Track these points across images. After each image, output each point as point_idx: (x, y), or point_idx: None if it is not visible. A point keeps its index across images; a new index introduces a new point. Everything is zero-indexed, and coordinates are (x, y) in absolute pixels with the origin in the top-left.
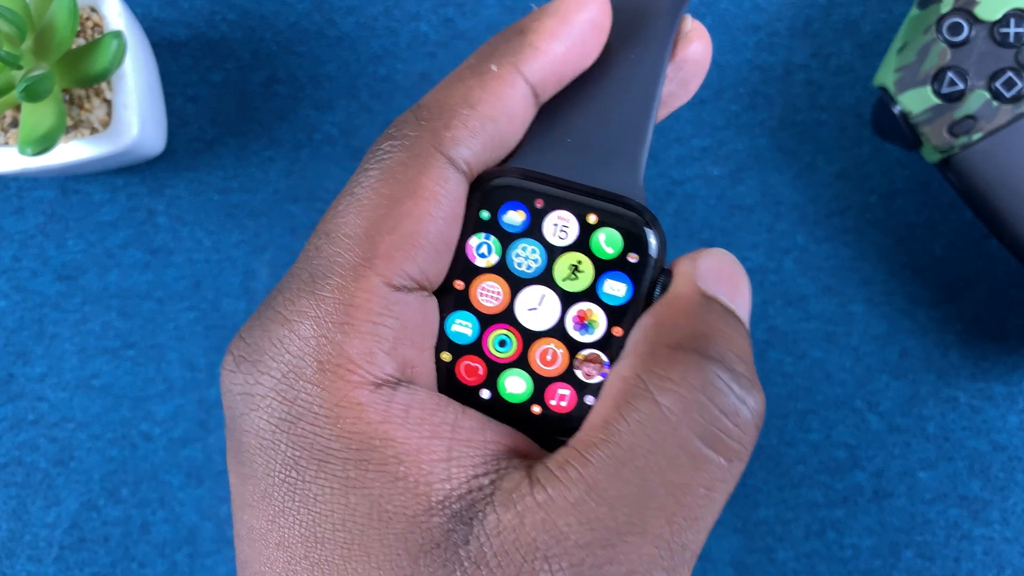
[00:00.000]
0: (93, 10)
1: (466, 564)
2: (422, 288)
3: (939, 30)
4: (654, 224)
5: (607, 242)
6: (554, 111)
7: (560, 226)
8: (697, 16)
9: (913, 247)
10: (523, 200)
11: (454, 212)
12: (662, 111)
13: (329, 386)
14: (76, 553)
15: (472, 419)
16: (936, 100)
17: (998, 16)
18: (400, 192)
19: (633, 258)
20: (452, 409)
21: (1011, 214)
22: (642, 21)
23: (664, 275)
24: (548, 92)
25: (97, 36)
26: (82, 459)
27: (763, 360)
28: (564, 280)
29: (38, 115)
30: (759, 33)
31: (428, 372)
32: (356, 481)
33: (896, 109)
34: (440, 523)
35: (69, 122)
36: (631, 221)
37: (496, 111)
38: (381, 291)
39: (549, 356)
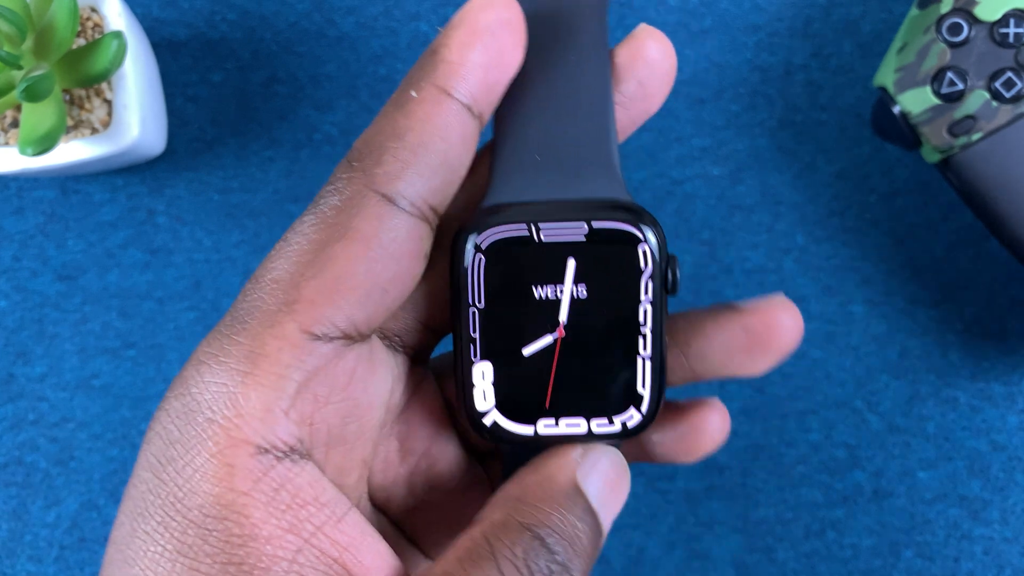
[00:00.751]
0: (93, 10)
1: None
2: (347, 336)
3: (939, 30)
4: (650, 221)
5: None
6: (512, 132)
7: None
8: (697, 16)
9: (913, 247)
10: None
11: (397, 252)
12: (627, 119)
13: (209, 438)
14: (76, 553)
15: (343, 532)
16: (936, 100)
17: (998, 16)
18: (330, 236)
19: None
20: (328, 511)
21: (1011, 214)
22: (569, 21)
23: (671, 263)
24: (484, 104)
25: (97, 36)
26: (82, 459)
27: None
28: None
29: (38, 115)
30: (759, 33)
31: (329, 435)
32: (189, 550)
33: (896, 109)
34: None
35: (69, 122)
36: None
37: (426, 136)
38: (296, 340)
39: None
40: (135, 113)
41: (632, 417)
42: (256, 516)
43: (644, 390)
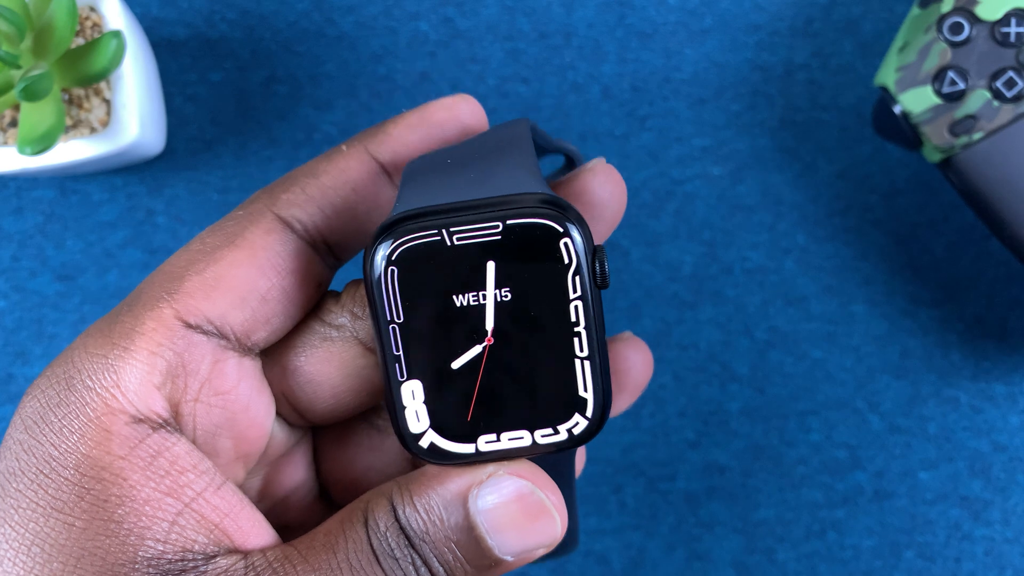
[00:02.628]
0: (92, 9)
1: None
2: (222, 335)
3: (940, 30)
4: (572, 212)
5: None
6: (422, 159)
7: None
8: (697, 16)
9: (914, 247)
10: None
11: (280, 266)
12: None
13: (87, 404)
14: None
15: (223, 499)
16: (937, 100)
17: (999, 16)
18: (221, 242)
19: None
20: (207, 478)
21: (1012, 214)
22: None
23: (598, 254)
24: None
25: (96, 35)
26: None
27: (763, 360)
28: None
29: (37, 115)
30: (760, 33)
31: (196, 423)
32: (66, 507)
33: (897, 109)
34: None
35: (68, 122)
36: (547, 225)
37: (338, 181)
38: (171, 324)
39: None
40: (134, 113)
41: (578, 424)
42: (133, 479)
43: (587, 393)
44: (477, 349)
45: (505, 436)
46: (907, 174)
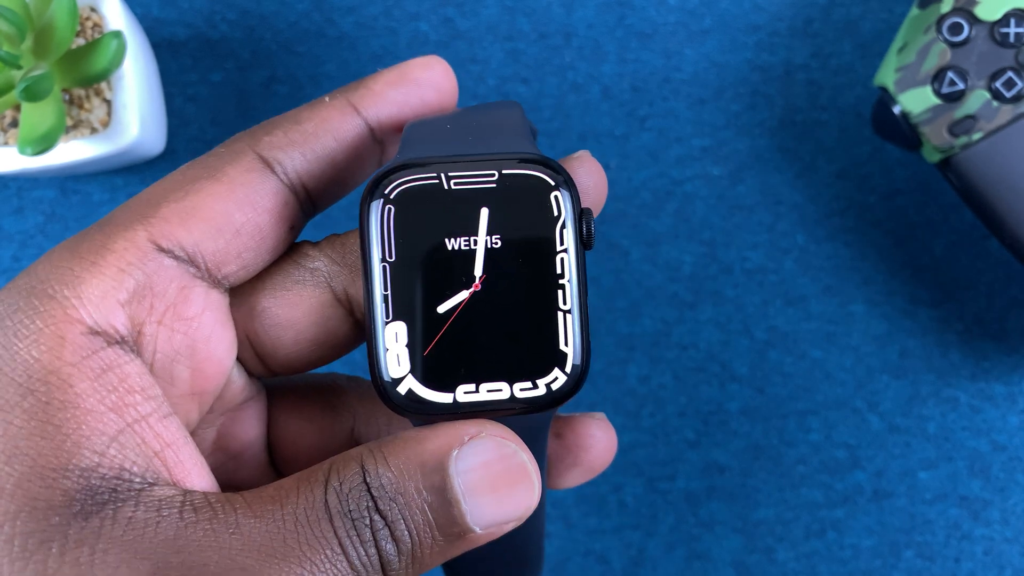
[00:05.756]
0: (93, 10)
1: (69, 538)
2: (192, 263)
3: (939, 30)
4: (563, 171)
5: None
6: (420, 122)
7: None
8: (697, 16)
9: (913, 247)
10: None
11: (257, 203)
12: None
13: (46, 310)
14: None
15: (167, 428)
16: (936, 100)
17: (998, 16)
18: (200, 174)
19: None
20: (154, 404)
21: (1011, 214)
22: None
23: (585, 214)
24: (388, 136)
25: (97, 36)
26: None
27: (763, 360)
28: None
29: (38, 115)
30: (759, 33)
31: (156, 346)
32: (6, 404)
33: (896, 109)
34: (68, 487)
35: (69, 122)
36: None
37: (320, 130)
38: (143, 245)
39: None
40: (135, 113)
41: (556, 379)
42: (80, 387)
43: (568, 348)
44: (464, 294)
45: (484, 387)
46: (906, 174)
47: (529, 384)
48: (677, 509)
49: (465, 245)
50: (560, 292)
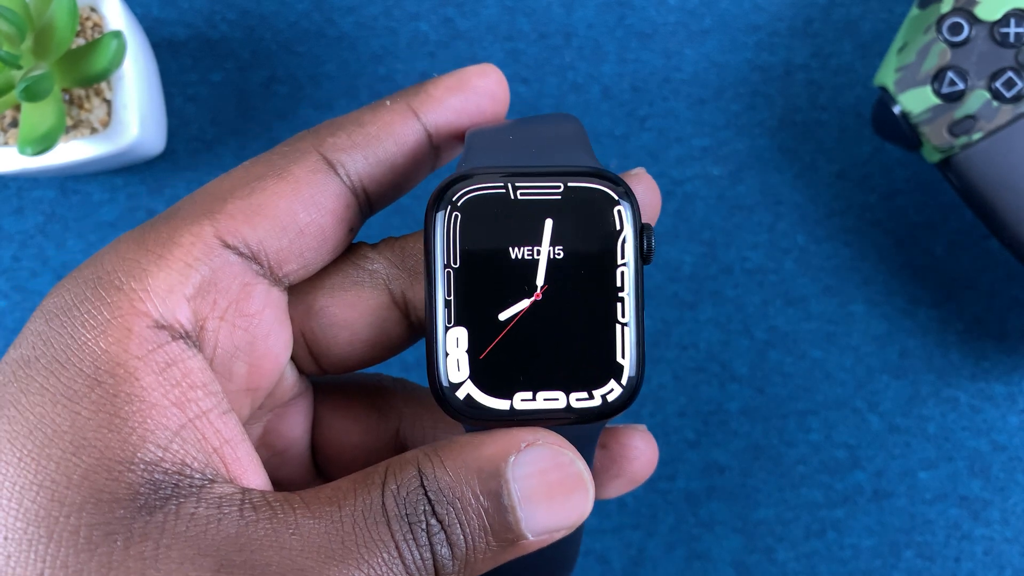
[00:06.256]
0: (93, 10)
1: (134, 532)
2: (256, 260)
3: (939, 30)
4: (626, 185)
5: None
6: (483, 133)
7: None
8: (697, 16)
9: (913, 247)
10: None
11: (321, 203)
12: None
13: (113, 301)
14: None
15: (226, 425)
16: (936, 100)
17: (998, 16)
18: (266, 172)
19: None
20: (215, 400)
21: (1011, 214)
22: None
23: (646, 230)
24: (444, 142)
25: (97, 36)
26: None
27: (763, 360)
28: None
29: (38, 115)
30: (759, 33)
31: (218, 341)
32: (74, 395)
33: (896, 109)
34: (133, 480)
35: (69, 122)
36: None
37: (383, 133)
38: (209, 241)
39: None
40: (135, 113)
41: (612, 390)
42: (145, 380)
43: (624, 360)
44: (526, 302)
45: (541, 395)
46: (906, 174)
47: (585, 394)
48: (677, 509)
49: (528, 255)
50: (619, 305)
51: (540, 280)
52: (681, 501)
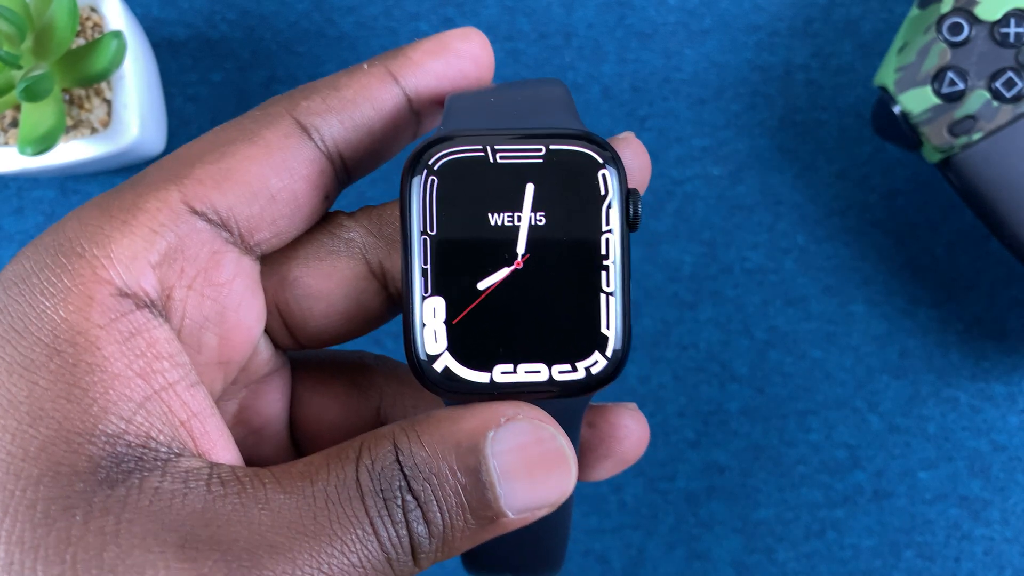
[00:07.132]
0: (93, 10)
1: (94, 505)
2: (225, 227)
3: (939, 30)
4: (611, 149)
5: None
6: (464, 95)
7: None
8: (697, 16)
9: (913, 247)
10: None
11: (294, 168)
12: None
13: (74, 268)
14: None
15: (194, 397)
16: (936, 100)
17: (998, 16)
18: (236, 136)
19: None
20: (182, 372)
21: (1011, 214)
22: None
23: (632, 195)
24: (426, 106)
25: (97, 36)
26: None
27: (763, 360)
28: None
29: (38, 115)
30: (759, 33)
31: (185, 311)
32: (32, 364)
33: (896, 109)
34: (94, 453)
35: (69, 122)
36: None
37: (359, 97)
38: (175, 206)
39: None
40: (135, 113)
41: (596, 362)
42: (108, 350)
43: (609, 331)
44: (506, 271)
45: (522, 368)
46: (906, 174)
47: (568, 367)
48: (677, 509)
49: (508, 221)
50: (604, 274)
51: (521, 248)
52: (681, 501)
